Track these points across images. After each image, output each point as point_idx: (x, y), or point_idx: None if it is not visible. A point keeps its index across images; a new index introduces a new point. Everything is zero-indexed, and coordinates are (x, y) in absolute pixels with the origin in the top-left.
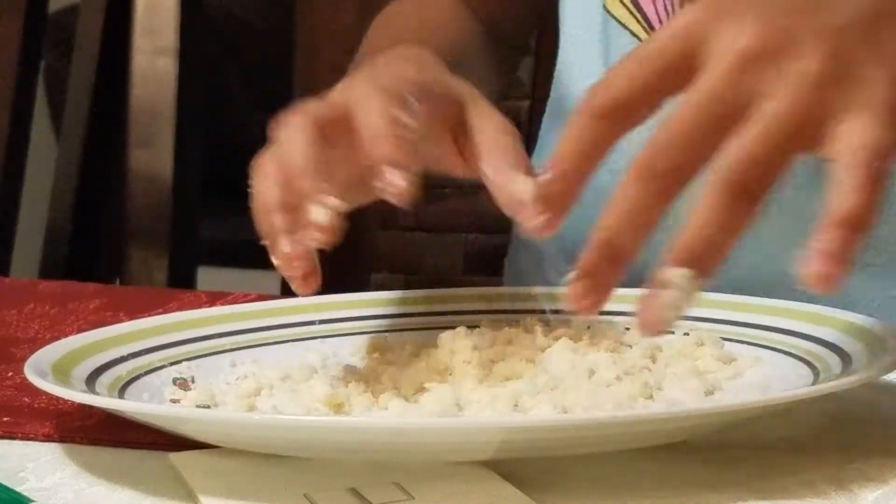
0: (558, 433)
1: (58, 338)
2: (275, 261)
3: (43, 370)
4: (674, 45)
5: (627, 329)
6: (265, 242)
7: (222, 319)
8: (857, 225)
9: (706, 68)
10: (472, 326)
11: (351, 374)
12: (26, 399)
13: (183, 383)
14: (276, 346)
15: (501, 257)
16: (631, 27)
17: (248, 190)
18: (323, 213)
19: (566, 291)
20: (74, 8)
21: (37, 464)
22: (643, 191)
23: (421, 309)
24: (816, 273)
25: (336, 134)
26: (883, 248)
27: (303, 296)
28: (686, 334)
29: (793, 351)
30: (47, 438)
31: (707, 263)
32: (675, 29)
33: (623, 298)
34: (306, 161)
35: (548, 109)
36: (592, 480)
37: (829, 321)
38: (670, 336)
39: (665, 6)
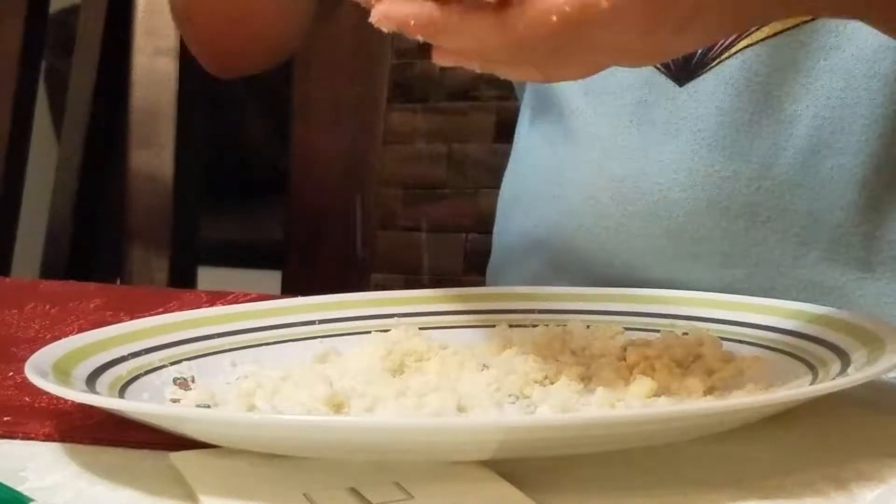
0: (558, 433)
1: (58, 337)
2: None
3: (43, 370)
4: None
5: (626, 329)
6: None
7: (222, 319)
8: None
9: None
10: (483, 326)
11: (351, 374)
12: (27, 398)
13: (183, 383)
14: (276, 346)
15: None
16: None
17: None
18: None
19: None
20: (75, 8)
21: (37, 463)
22: None
23: (421, 309)
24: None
25: None
26: (886, 248)
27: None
28: (686, 334)
29: (793, 351)
30: (48, 438)
31: None
32: None
33: (623, 298)
34: None
35: (525, 106)
36: (592, 480)
37: (829, 321)
38: (670, 336)
39: None
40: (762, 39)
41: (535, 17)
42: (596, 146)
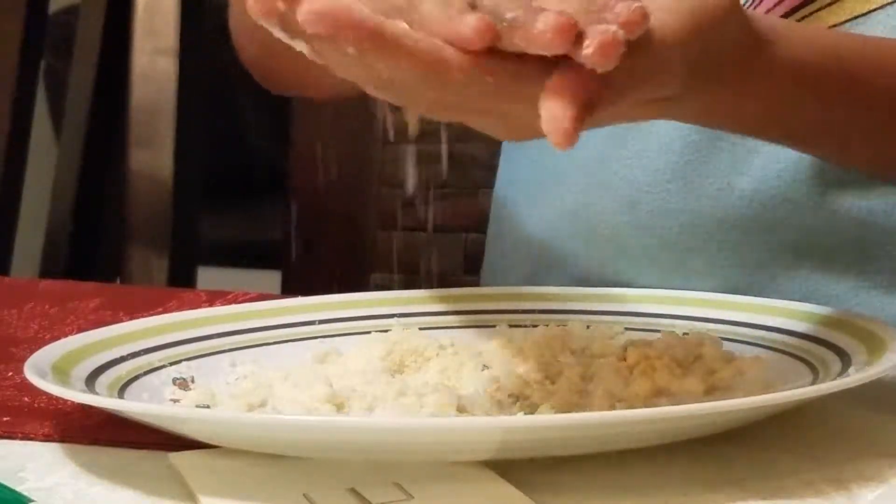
0: (558, 433)
1: (58, 337)
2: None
3: (43, 370)
4: None
5: (626, 329)
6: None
7: (222, 319)
8: None
9: None
10: (483, 326)
11: (351, 374)
12: (26, 399)
13: (183, 383)
14: (276, 346)
15: None
16: None
17: None
18: None
19: None
20: (74, 8)
21: (36, 463)
22: None
23: (421, 309)
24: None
25: None
26: (882, 257)
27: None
28: (686, 334)
29: (793, 351)
30: (47, 438)
31: None
32: None
33: (623, 298)
34: None
35: None
36: (592, 480)
37: (829, 321)
38: (671, 336)
39: None
40: None
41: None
42: (589, 154)
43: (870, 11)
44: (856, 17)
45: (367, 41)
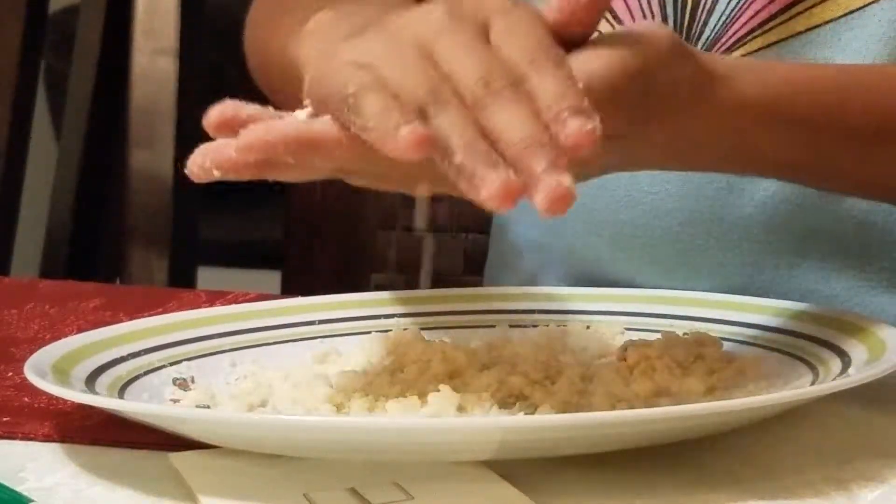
0: (558, 433)
1: (58, 338)
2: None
3: (43, 370)
4: None
5: (626, 329)
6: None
7: (222, 319)
8: None
9: None
10: (483, 326)
11: (351, 374)
12: (26, 399)
13: (183, 383)
14: (276, 346)
15: None
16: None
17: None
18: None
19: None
20: (74, 8)
21: (36, 463)
22: None
23: (421, 309)
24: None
25: None
26: (883, 256)
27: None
28: (686, 334)
29: (793, 351)
30: (47, 438)
31: None
32: None
33: (623, 298)
34: None
35: None
36: (592, 480)
37: (829, 321)
38: (671, 336)
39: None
40: (756, 50)
41: None
42: None
43: (865, 6)
44: (851, 12)
45: (298, 148)
